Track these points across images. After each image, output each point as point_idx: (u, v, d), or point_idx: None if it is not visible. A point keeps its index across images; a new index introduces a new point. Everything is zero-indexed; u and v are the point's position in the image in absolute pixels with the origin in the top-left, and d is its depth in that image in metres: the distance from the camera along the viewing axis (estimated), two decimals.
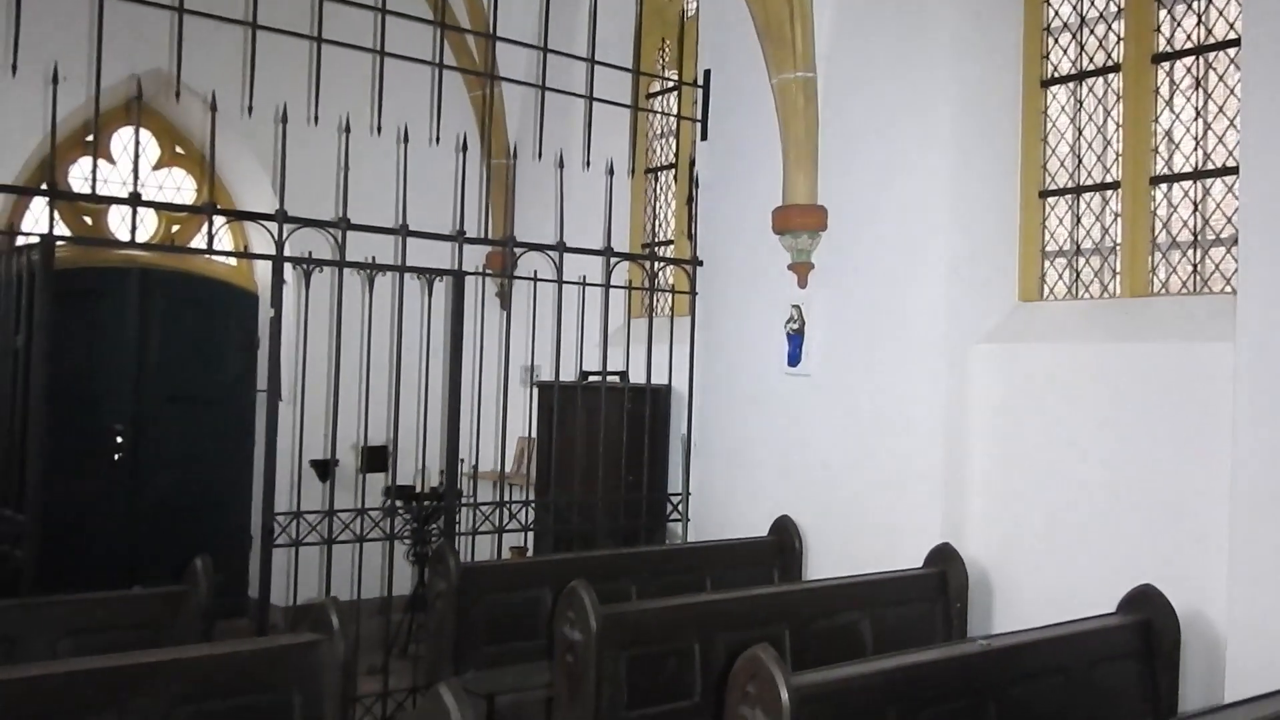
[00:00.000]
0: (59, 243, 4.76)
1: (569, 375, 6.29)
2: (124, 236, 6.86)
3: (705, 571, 5.28)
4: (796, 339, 5.72)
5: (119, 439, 7.08)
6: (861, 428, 5.30)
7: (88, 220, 7.18)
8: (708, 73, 6.41)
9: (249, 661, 3.19)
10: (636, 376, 6.29)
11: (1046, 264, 5.10)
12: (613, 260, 6.03)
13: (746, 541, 5.62)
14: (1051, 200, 5.09)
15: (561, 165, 5.88)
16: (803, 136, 5.60)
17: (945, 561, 4.75)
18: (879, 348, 5.25)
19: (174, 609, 3.83)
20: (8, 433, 4.69)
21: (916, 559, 4.85)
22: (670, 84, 7.37)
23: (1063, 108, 5.06)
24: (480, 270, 6.31)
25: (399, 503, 5.95)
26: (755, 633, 4.04)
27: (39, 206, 6.88)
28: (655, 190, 7.58)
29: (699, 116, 6.50)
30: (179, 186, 7.51)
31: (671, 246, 7.21)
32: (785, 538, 5.51)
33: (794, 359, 5.72)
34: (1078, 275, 4.97)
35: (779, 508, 5.63)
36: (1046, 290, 5.09)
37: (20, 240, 5.15)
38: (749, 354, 6.00)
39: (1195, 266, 4.53)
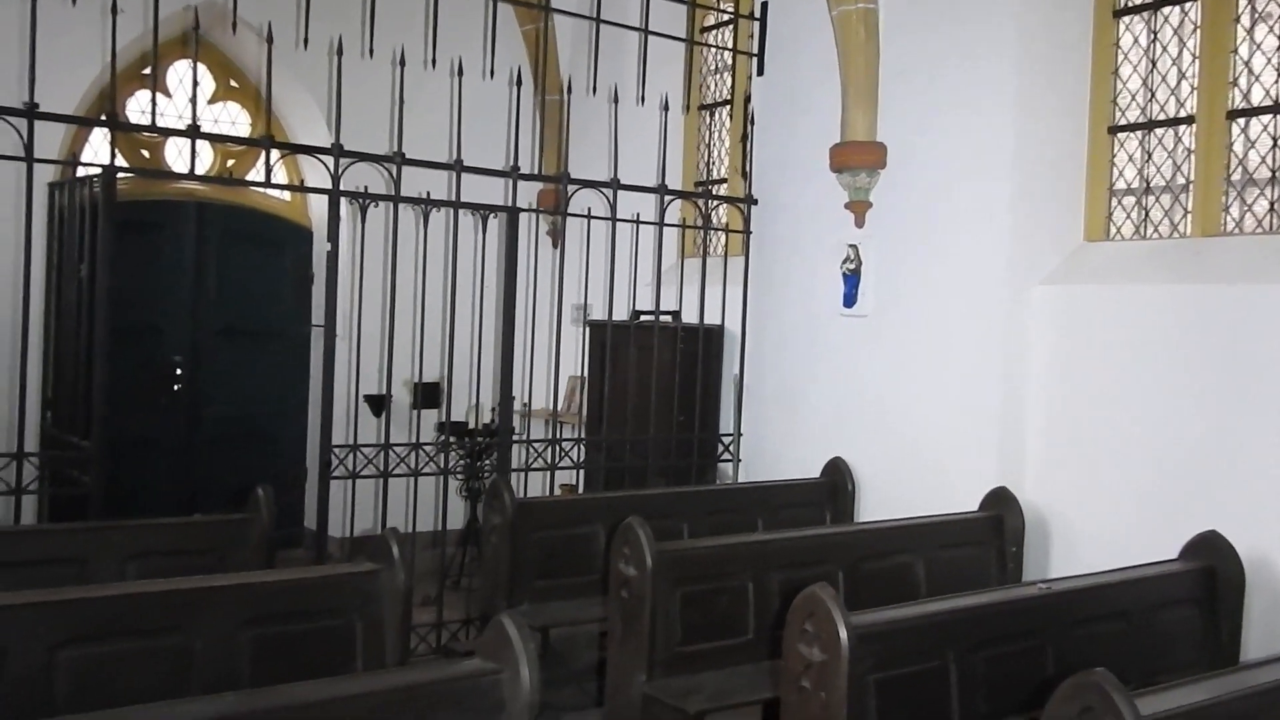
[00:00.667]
0: (119, 175, 4.78)
1: (620, 314, 6.27)
2: (180, 170, 6.93)
3: (756, 512, 5.28)
4: (852, 279, 5.65)
5: (178, 370, 7.19)
6: (917, 370, 5.24)
7: (145, 153, 7.22)
8: (764, 5, 6.26)
9: (312, 588, 3.24)
10: (689, 316, 6.25)
11: (1114, 202, 4.96)
12: (666, 198, 5.96)
13: (798, 483, 5.61)
14: (1121, 136, 4.94)
15: (616, 101, 5.80)
16: (863, 71, 5.47)
17: (1001, 505, 4.71)
18: (937, 288, 5.16)
19: (237, 536, 3.90)
20: (73, 362, 4.77)
21: (971, 502, 4.81)
22: (726, 17, 7.22)
23: (1135, 39, 4.88)
24: (533, 207, 6.28)
25: (452, 438, 5.99)
26: (809, 572, 4.04)
27: (97, 139, 6.93)
28: (709, 127, 7.47)
29: (755, 51, 6.37)
30: (234, 121, 7.52)
31: (725, 185, 7.12)
32: (837, 479, 5.49)
33: (849, 300, 5.64)
34: (1146, 214, 4.83)
35: (831, 449, 5.60)
36: (1113, 230, 4.96)
37: (81, 171, 5.18)
38: (803, 294, 5.94)
39: (1273, 205, 4.38)
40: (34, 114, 4.30)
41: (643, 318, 6.32)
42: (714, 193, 6.26)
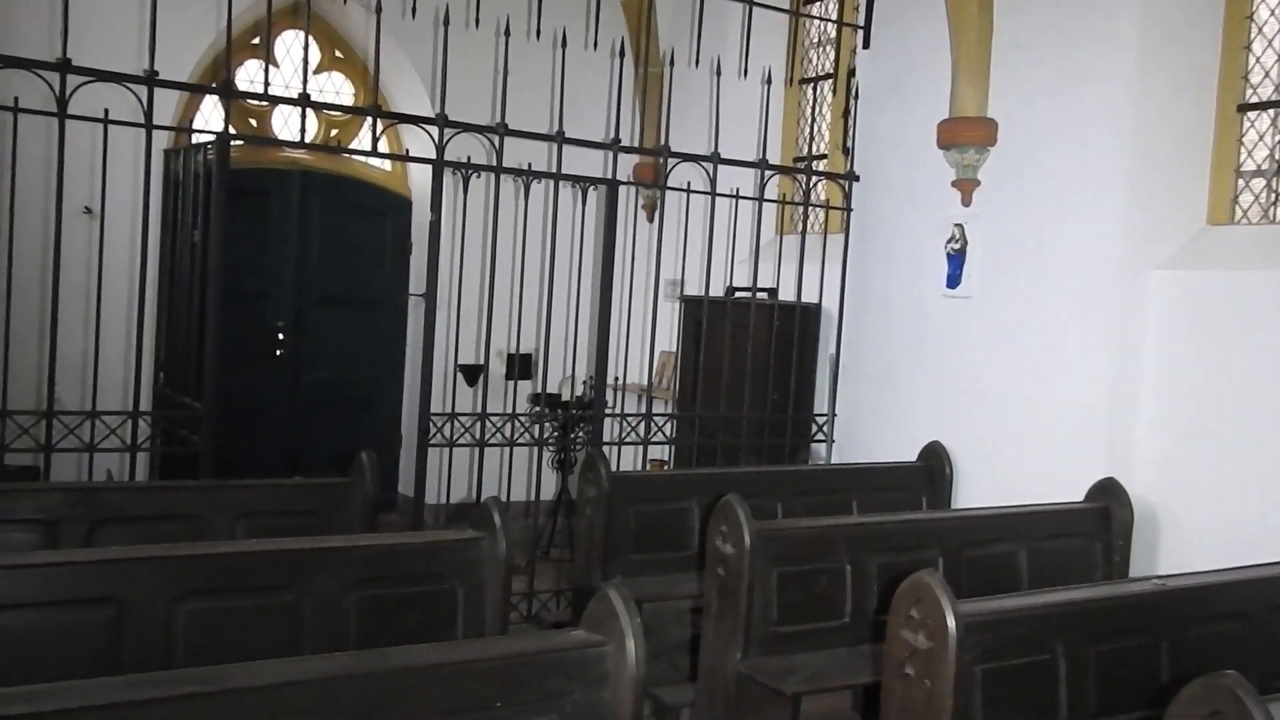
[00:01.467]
0: (232, 142, 4.88)
1: (716, 291, 6.21)
2: (286, 138, 7.06)
3: (851, 494, 5.21)
4: (957, 259, 5.51)
5: (280, 336, 7.35)
6: (1023, 354, 5.09)
7: (253, 122, 7.38)
8: None
9: (415, 553, 3.28)
10: (785, 294, 6.17)
11: (1241, 184, 4.74)
12: (766, 173, 5.88)
13: (894, 466, 5.51)
14: (1251, 115, 4.71)
15: (718, 74, 5.73)
16: (974, 44, 5.31)
17: (1109, 496, 4.56)
18: (1047, 270, 5.01)
19: (341, 499, 3.98)
20: (185, 326, 4.90)
21: (1076, 492, 4.67)
22: None
23: (1272, 12, 4.64)
24: (631, 180, 6.25)
25: (545, 410, 6.03)
26: (908, 557, 3.99)
27: (208, 107, 7.10)
28: (811, 102, 7.34)
29: (861, 23, 6.23)
30: (338, 91, 7.64)
31: (825, 161, 7.00)
32: (935, 464, 5.38)
33: (953, 280, 5.51)
34: (1276, 197, 4.61)
35: (929, 433, 5.49)
36: (1239, 213, 4.74)
37: (195, 140, 5.30)
38: (905, 274, 5.81)
39: None
40: (154, 81, 4.40)
41: (738, 294, 6.26)
42: (814, 169, 6.15)
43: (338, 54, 7.65)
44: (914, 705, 2.87)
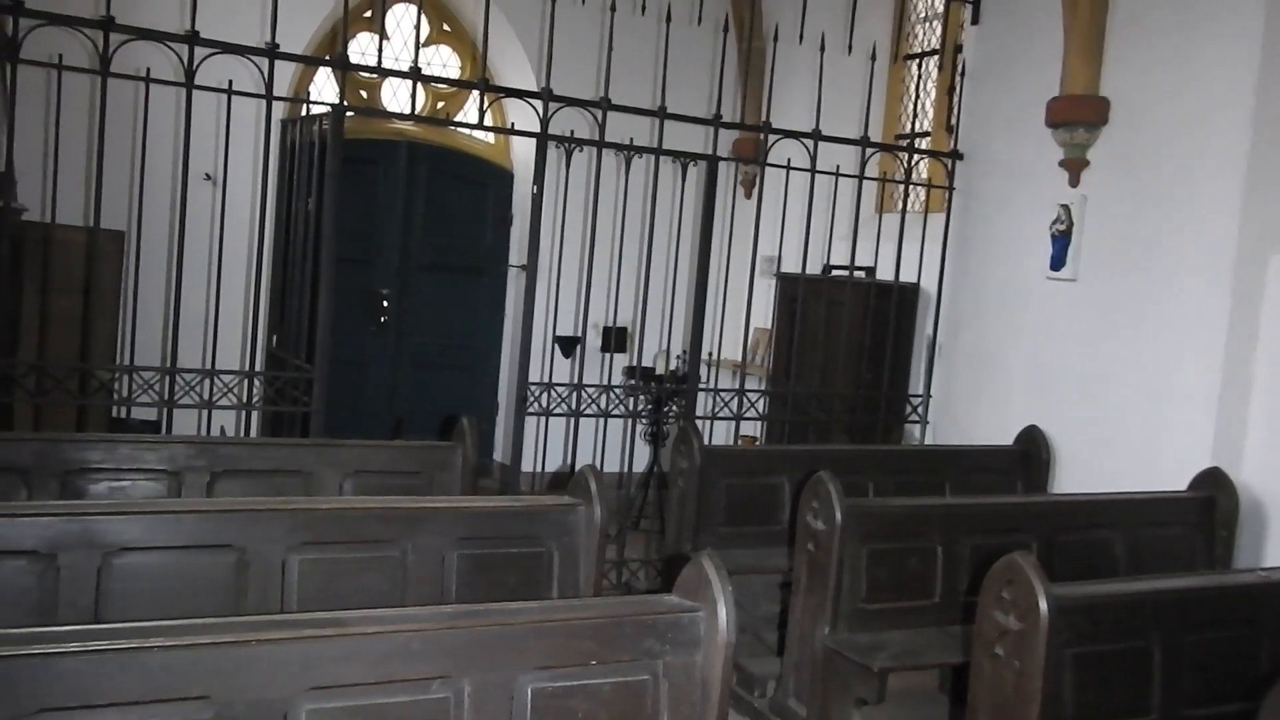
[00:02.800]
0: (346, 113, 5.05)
1: (812, 268, 6.20)
2: (394, 110, 7.25)
3: (945, 475, 5.19)
4: (1061, 241, 5.40)
5: (384, 303, 7.57)
6: (1128, 338, 4.99)
7: (363, 93, 7.58)
8: None
9: (514, 515, 3.39)
10: (882, 273, 6.13)
11: None
12: (867, 151, 5.84)
13: (989, 449, 5.46)
14: None
15: (822, 50, 5.70)
16: (1088, 20, 5.18)
17: (1214, 486, 4.46)
18: (1158, 253, 4.88)
19: (443, 461, 4.11)
20: (299, 290, 5.10)
21: (1179, 481, 4.57)
22: None
23: None
24: (731, 156, 6.26)
25: (640, 383, 6.11)
26: (1001, 540, 3.96)
27: (320, 78, 7.32)
28: (915, 79, 7.24)
29: None
30: (445, 64, 7.79)
31: (928, 139, 6.91)
32: (1032, 448, 5.31)
33: (1057, 262, 5.41)
34: None
35: (1026, 417, 5.42)
36: None
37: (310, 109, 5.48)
38: (1006, 255, 5.73)
39: None
40: (274, 54, 4.57)
41: (835, 272, 6.24)
42: (917, 147, 6.07)
43: (445, 27, 7.80)
44: (1003, 685, 2.88)
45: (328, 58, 6.30)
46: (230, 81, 4.54)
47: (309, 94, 7.11)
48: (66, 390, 4.48)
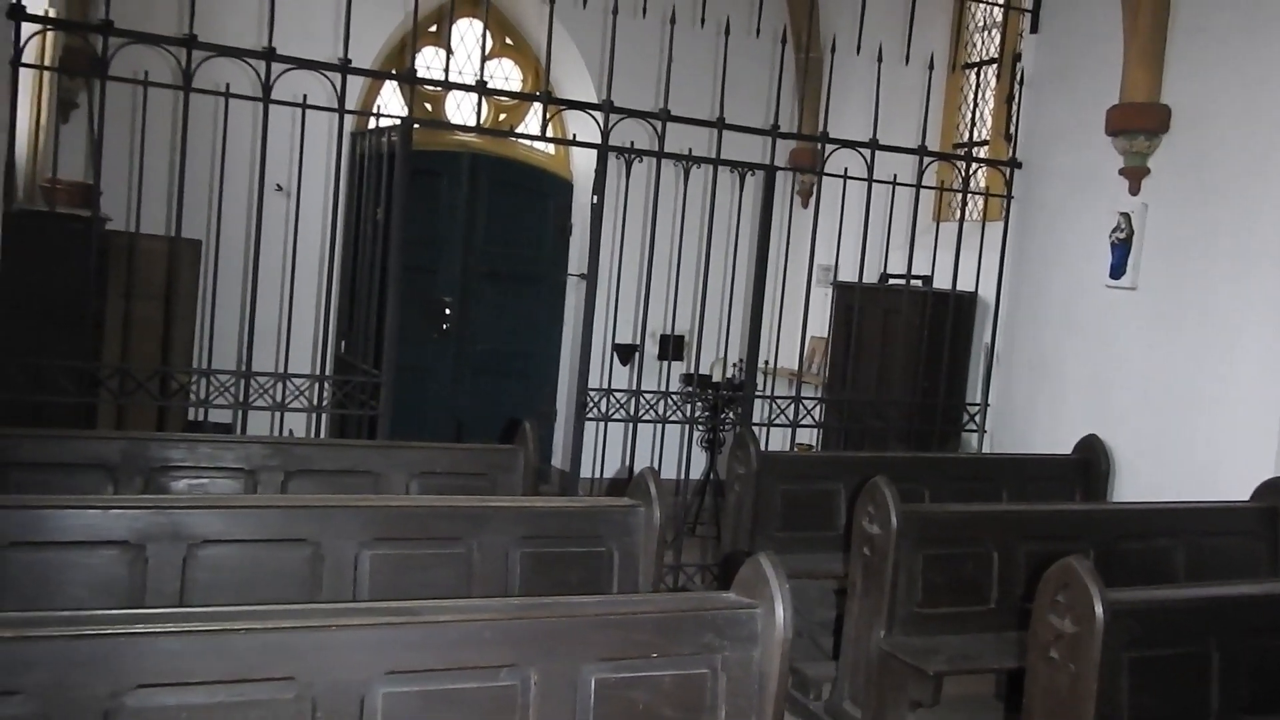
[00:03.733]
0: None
1: (869, 277, 6.23)
2: (459, 122, 7.43)
3: (1002, 483, 5.19)
4: (1121, 249, 5.39)
5: (446, 310, 7.74)
6: (1190, 347, 4.96)
7: (427, 106, 7.76)
8: None
9: (575, 515, 3.49)
10: (939, 282, 6.14)
11: None
12: (925, 160, 5.87)
13: (1048, 458, 5.45)
14: None
15: (880, 59, 5.74)
16: (1149, 27, 5.17)
17: (1277, 496, 4.42)
18: (1220, 262, 4.85)
19: (505, 464, 4.23)
20: (367, 297, 5.26)
21: (1242, 491, 4.54)
22: None
23: None
24: (789, 166, 6.32)
25: (697, 389, 6.19)
26: (1058, 546, 3.95)
27: (387, 92, 7.53)
28: (973, 87, 7.24)
29: (1030, 6, 6.13)
30: (506, 76, 7.96)
31: (986, 147, 6.90)
32: (1091, 457, 5.30)
33: (1117, 270, 5.39)
34: None
35: (1085, 426, 5.41)
36: None
37: (375, 123, 5.65)
38: (1065, 263, 5.72)
39: None
40: (347, 69, 4.74)
41: (892, 281, 6.27)
42: (975, 155, 6.08)
43: (508, 41, 7.97)
44: (1058, 689, 2.91)
45: (394, 71, 6.49)
46: (305, 96, 4.70)
47: (377, 107, 7.31)
48: (148, 392, 4.68)
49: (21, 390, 4.26)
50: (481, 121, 7.75)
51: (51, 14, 4.67)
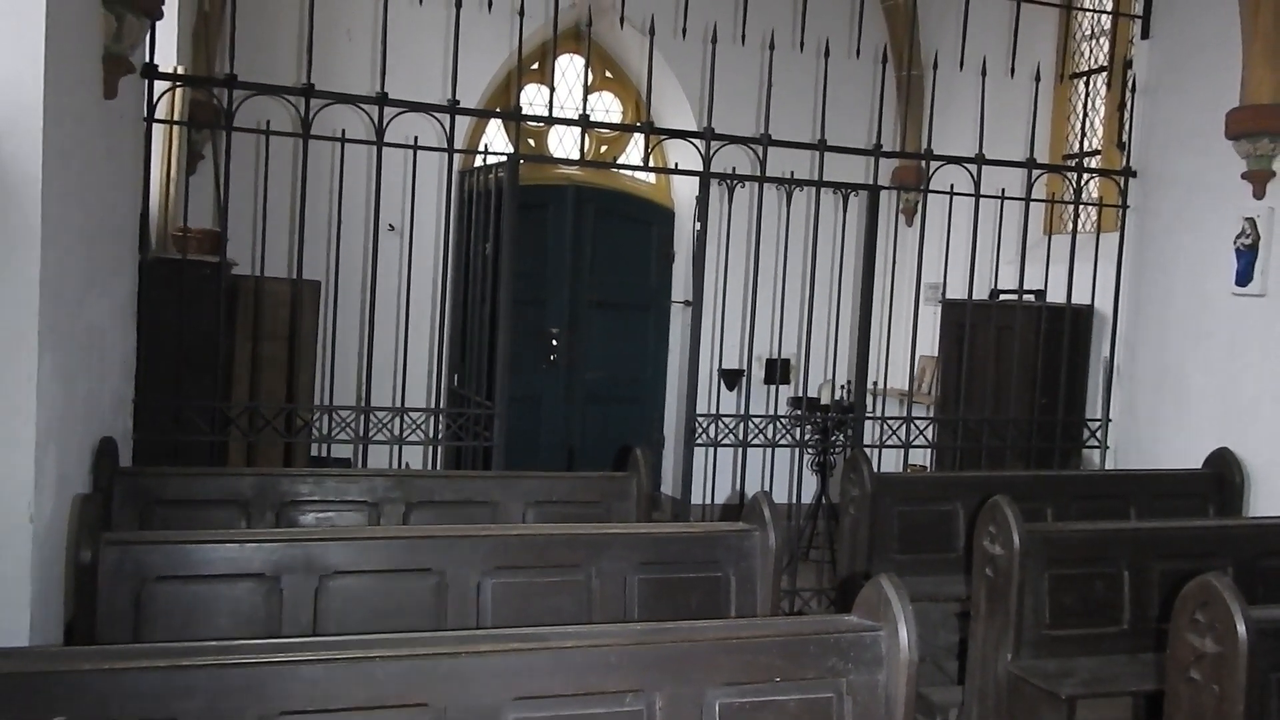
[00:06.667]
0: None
1: (978, 294, 6.11)
2: (561, 155, 7.57)
3: (1129, 500, 5.03)
4: (1248, 255, 5.18)
5: (554, 341, 7.87)
6: None
7: (530, 141, 7.93)
8: None
9: (692, 541, 3.50)
10: (1053, 296, 5.99)
11: None
12: (1034, 173, 5.75)
13: (1176, 473, 5.25)
14: None
15: (984, 74, 5.66)
16: (1270, 25, 4.98)
17: None
18: None
19: (619, 491, 4.27)
20: (478, 331, 5.38)
21: None
22: None
23: None
24: (892, 185, 6.27)
25: (806, 413, 6.15)
26: (1194, 565, 3.81)
27: (491, 129, 7.72)
28: (1082, 97, 7.07)
29: (1140, 12, 5.97)
30: (606, 109, 8.09)
31: (1097, 157, 6.73)
32: (1224, 471, 5.09)
33: (1243, 278, 5.19)
34: None
35: (1215, 439, 5.20)
36: None
37: (479, 160, 5.79)
38: (1188, 272, 5.52)
39: None
40: (455, 110, 4.88)
41: (1003, 297, 6.14)
42: (1087, 166, 5.94)
43: (608, 74, 8.10)
44: (1202, 711, 2.80)
45: (499, 110, 6.65)
46: (415, 137, 4.86)
47: (483, 145, 7.50)
48: (275, 429, 4.86)
49: (163, 430, 4.48)
50: (584, 154, 7.95)
51: (180, 70, 4.93)
